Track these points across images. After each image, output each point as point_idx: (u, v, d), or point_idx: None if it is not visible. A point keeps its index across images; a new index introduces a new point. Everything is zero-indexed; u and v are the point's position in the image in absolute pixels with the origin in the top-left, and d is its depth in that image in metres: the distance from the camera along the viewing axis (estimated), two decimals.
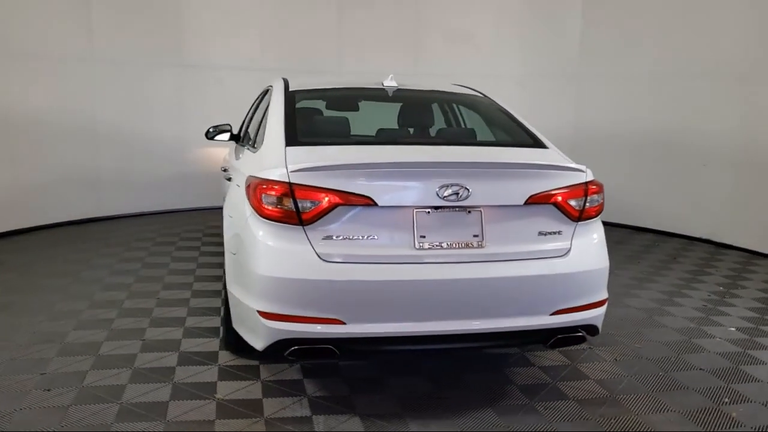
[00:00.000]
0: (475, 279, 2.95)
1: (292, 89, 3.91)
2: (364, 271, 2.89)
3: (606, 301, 3.25)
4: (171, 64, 8.16)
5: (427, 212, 2.97)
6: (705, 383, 3.54)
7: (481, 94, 4.28)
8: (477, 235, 3.00)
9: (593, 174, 3.23)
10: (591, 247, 3.19)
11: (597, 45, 8.07)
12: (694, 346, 4.08)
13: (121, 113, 7.80)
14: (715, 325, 4.48)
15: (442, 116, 4.51)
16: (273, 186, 2.93)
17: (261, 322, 2.93)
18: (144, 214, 8.03)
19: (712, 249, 6.95)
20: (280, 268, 2.90)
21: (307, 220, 2.89)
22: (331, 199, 2.88)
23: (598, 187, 3.22)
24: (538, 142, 3.55)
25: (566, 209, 3.11)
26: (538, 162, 3.21)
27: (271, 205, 2.93)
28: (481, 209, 3.01)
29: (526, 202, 3.04)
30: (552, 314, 3.05)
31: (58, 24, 7.25)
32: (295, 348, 2.93)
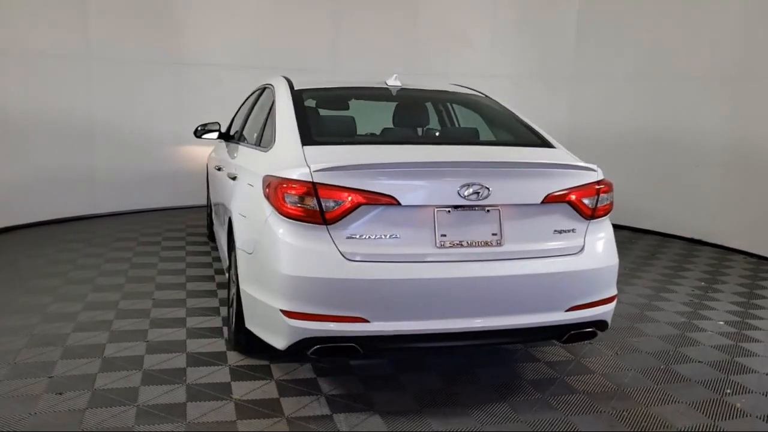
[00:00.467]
0: (495, 277, 3.01)
1: (298, 88, 3.91)
2: (388, 270, 2.92)
3: (616, 297, 3.35)
4: (167, 62, 8.08)
5: (447, 211, 3.01)
6: (705, 375, 3.67)
7: (482, 95, 4.34)
8: (495, 234, 3.05)
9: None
10: (602, 245, 3.28)
11: (591, 46, 8.14)
12: (689, 340, 4.22)
13: (115, 110, 7.77)
14: (704, 319, 4.64)
15: (444, 116, 4.55)
16: (296, 185, 2.93)
17: (284, 322, 2.93)
18: (121, 213, 7.90)
19: (687, 245, 7.17)
20: (304, 267, 2.91)
21: (330, 219, 2.90)
22: (354, 199, 2.90)
23: (608, 186, 3.31)
24: (545, 142, 3.63)
25: (580, 208, 3.19)
26: (556, 161, 3.28)
27: (294, 205, 2.94)
28: (499, 208, 3.06)
29: (543, 201, 3.11)
30: (567, 310, 3.13)
31: (54, 22, 7.16)
32: (317, 347, 2.95)
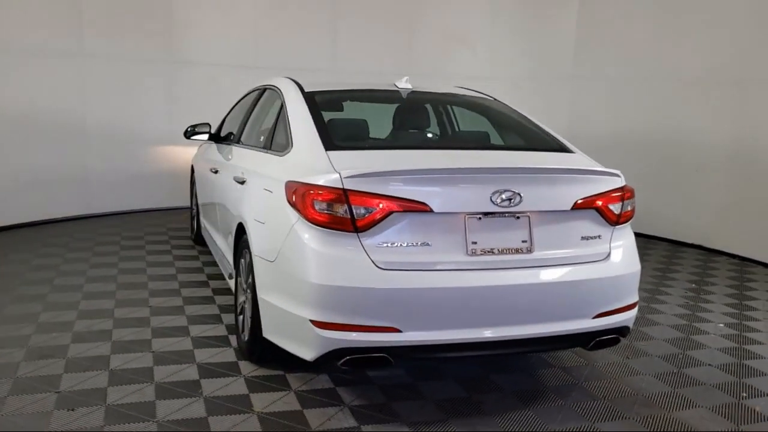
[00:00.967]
0: (526, 285, 2.97)
1: (309, 90, 3.81)
2: (420, 279, 2.86)
3: (637, 303, 3.36)
4: (161, 60, 7.89)
5: (478, 218, 2.96)
6: (718, 379, 3.70)
7: (491, 98, 4.31)
8: (525, 241, 3.02)
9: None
10: (626, 251, 3.29)
11: (591, 48, 8.15)
12: (695, 343, 4.26)
13: (110, 109, 7.60)
14: (704, 322, 4.70)
15: (455, 120, 4.51)
16: (326, 192, 2.85)
17: (314, 332, 2.85)
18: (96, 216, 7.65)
19: (671, 247, 7.29)
20: (335, 276, 2.83)
21: (361, 226, 2.83)
22: (386, 206, 2.83)
23: (630, 192, 3.31)
24: (564, 148, 3.61)
25: (606, 214, 3.18)
26: (583, 167, 3.26)
27: (323, 212, 2.85)
28: (529, 215, 3.03)
29: (572, 208, 3.09)
30: (594, 317, 3.12)
31: (48, 19, 6.94)
32: (348, 357, 2.87)
